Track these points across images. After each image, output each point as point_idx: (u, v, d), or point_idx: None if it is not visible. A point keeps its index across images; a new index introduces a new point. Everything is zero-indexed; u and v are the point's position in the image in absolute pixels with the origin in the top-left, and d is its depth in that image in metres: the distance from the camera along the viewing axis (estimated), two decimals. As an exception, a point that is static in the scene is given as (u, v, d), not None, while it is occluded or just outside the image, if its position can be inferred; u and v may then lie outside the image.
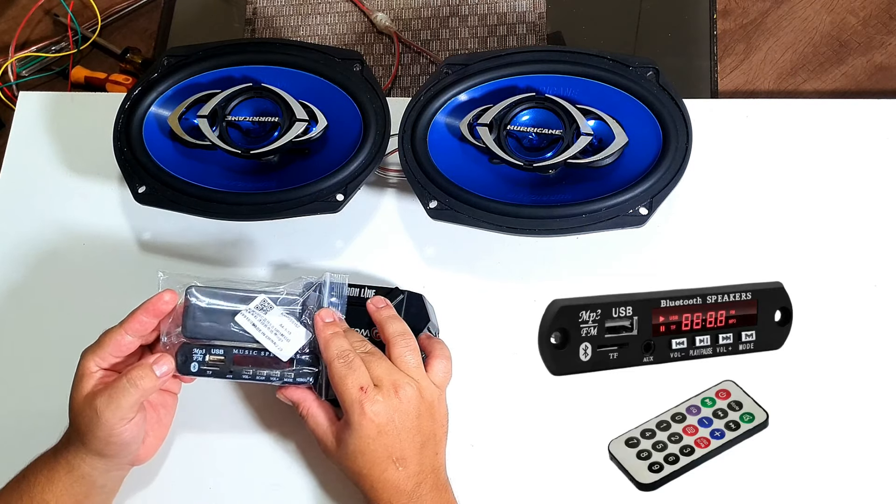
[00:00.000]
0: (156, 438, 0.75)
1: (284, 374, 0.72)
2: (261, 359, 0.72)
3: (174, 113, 0.85)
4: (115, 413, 0.68)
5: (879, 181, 0.84)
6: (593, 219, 0.77)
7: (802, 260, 0.81)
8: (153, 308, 0.70)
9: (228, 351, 0.72)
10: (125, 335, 0.70)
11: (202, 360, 0.71)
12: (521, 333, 0.80)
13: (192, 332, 0.71)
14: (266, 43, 0.92)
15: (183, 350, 0.71)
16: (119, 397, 0.68)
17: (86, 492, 0.71)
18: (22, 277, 0.90)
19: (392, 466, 0.68)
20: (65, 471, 0.70)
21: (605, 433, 0.77)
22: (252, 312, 0.71)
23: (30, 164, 0.94)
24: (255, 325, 0.71)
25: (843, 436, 0.75)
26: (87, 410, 0.68)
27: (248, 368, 0.71)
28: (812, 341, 0.78)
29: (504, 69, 0.83)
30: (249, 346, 0.72)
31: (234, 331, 0.71)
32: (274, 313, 0.71)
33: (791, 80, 0.94)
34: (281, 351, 0.71)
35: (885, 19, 0.95)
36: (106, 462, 0.71)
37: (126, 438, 0.69)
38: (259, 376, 0.72)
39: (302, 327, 0.71)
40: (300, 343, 0.71)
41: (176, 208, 0.82)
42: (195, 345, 0.72)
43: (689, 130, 0.79)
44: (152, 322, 0.71)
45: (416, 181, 0.80)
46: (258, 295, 0.72)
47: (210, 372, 0.71)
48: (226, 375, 0.71)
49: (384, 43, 1.03)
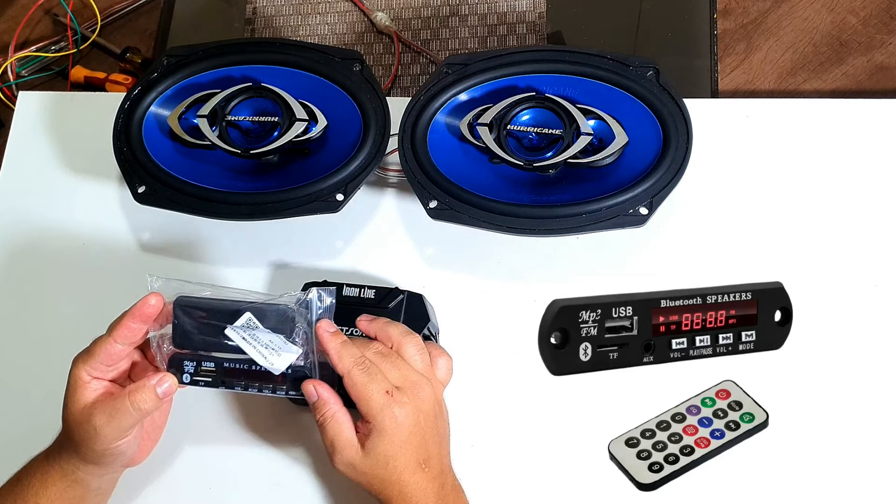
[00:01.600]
0: (150, 441, 0.75)
1: (277, 388, 0.71)
2: (252, 372, 0.70)
3: (174, 113, 0.85)
4: (114, 431, 0.67)
5: (879, 181, 0.83)
6: (593, 219, 0.77)
7: (802, 260, 0.81)
8: (139, 313, 0.68)
9: (220, 363, 0.71)
10: (115, 344, 0.68)
11: (193, 371, 0.70)
12: (521, 333, 0.80)
13: (182, 343, 0.70)
14: (266, 43, 0.92)
15: (174, 360, 0.70)
16: (121, 418, 0.67)
17: (80, 495, 0.71)
18: (22, 277, 0.90)
19: (420, 469, 0.67)
20: (59, 475, 0.70)
21: (605, 433, 0.77)
22: (241, 329, 0.70)
23: (29, 164, 0.94)
24: (245, 338, 0.69)
25: (843, 436, 0.75)
26: (85, 426, 0.68)
27: (241, 380, 0.70)
28: (812, 341, 0.78)
29: (504, 69, 0.83)
30: (241, 358, 0.70)
31: (224, 344, 0.70)
32: (262, 331, 0.70)
33: (791, 79, 0.94)
34: (272, 365, 0.69)
35: (885, 19, 0.95)
36: (101, 468, 0.71)
37: (122, 450, 0.69)
38: (252, 388, 0.71)
39: (292, 345, 0.70)
40: (291, 359, 0.69)
41: (176, 208, 0.82)
42: (186, 356, 0.71)
43: (689, 130, 0.79)
44: (141, 327, 0.69)
45: (416, 181, 0.80)
46: (244, 311, 0.70)
47: (203, 382, 0.70)
48: (218, 386, 0.71)
49: (384, 43, 1.02)
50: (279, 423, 0.80)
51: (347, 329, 0.76)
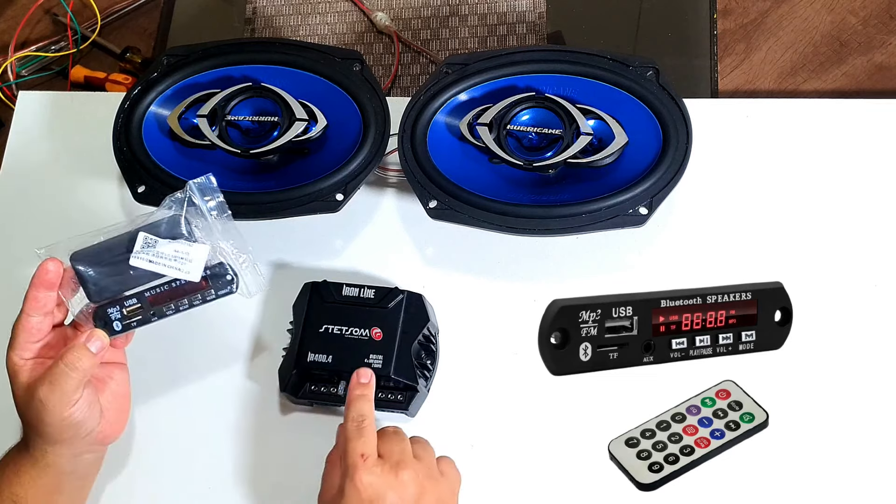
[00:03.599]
0: (119, 412, 0.74)
1: (206, 295, 0.70)
2: (175, 290, 0.70)
3: (174, 112, 0.85)
4: (60, 399, 0.67)
5: (879, 181, 0.83)
6: (593, 219, 0.77)
7: (802, 260, 0.81)
8: (41, 282, 0.69)
9: (141, 296, 0.70)
10: (29, 317, 0.69)
11: (120, 316, 0.70)
12: (521, 333, 0.80)
13: (97, 295, 0.70)
14: (265, 42, 0.92)
15: (98, 314, 0.70)
16: (61, 383, 0.67)
17: (55, 482, 0.70)
18: (21, 277, 0.89)
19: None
20: (29, 463, 0.70)
21: (605, 433, 0.77)
22: (143, 251, 0.69)
23: (29, 164, 0.94)
24: (152, 260, 0.69)
25: (843, 436, 0.75)
26: (32, 402, 0.67)
27: (169, 304, 0.70)
28: (812, 341, 0.78)
29: (504, 69, 0.83)
30: (158, 283, 0.70)
31: (135, 275, 0.69)
32: (163, 244, 0.69)
33: (791, 79, 0.94)
34: (188, 274, 0.68)
35: (885, 19, 0.95)
36: (67, 447, 0.70)
37: (78, 418, 0.68)
38: (182, 306, 0.70)
39: (199, 243, 0.69)
40: (203, 257, 0.69)
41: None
42: (106, 305, 0.70)
43: (689, 130, 0.79)
44: (48, 295, 0.69)
45: (416, 181, 0.80)
46: (137, 234, 0.69)
47: (135, 323, 0.70)
48: (151, 320, 0.70)
49: (384, 42, 1.02)
50: (279, 423, 0.80)
51: (348, 329, 0.76)
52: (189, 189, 0.70)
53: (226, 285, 0.71)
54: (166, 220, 0.70)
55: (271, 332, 0.82)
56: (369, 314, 0.76)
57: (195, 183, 0.71)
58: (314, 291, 0.78)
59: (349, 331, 0.76)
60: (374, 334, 0.75)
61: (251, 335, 0.83)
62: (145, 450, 0.80)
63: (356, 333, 0.76)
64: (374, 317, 0.76)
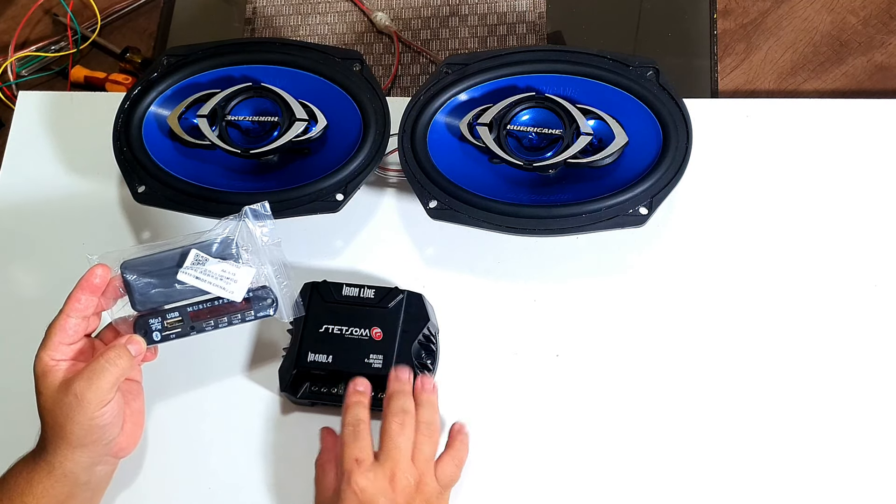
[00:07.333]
0: (135, 427, 0.74)
1: (245, 315, 0.72)
2: (216, 308, 0.72)
3: (174, 112, 0.85)
4: (96, 394, 0.67)
5: (879, 181, 0.83)
6: (593, 219, 0.77)
7: (802, 260, 0.81)
8: (87, 285, 0.70)
9: (183, 310, 0.72)
10: (67, 318, 0.69)
11: (161, 327, 0.71)
12: (521, 333, 0.80)
13: (142, 304, 0.71)
14: (266, 42, 0.92)
15: (139, 324, 0.71)
16: (99, 378, 0.67)
17: (68, 491, 0.70)
18: (21, 277, 0.90)
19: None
20: (45, 472, 0.70)
21: (605, 433, 0.77)
22: (192, 267, 0.71)
23: (29, 164, 0.94)
24: (199, 277, 0.70)
25: (843, 436, 0.75)
26: (66, 398, 0.68)
27: (209, 320, 0.72)
28: (812, 341, 0.78)
29: (504, 69, 0.83)
30: (201, 299, 0.72)
31: (180, 290, 0.71)
32: (212, 263, 0.71)
33: (791, 79, 0.94)
34: (232, 294, 0.70)
35: (885, 19, 0.95)
36: (87, 453, 0.70)
37: (106, 420, 0.69)
38: (221, 324, 0.72)
39: (245, 265, 0.71)
40: (248, 279, 0.71)
41: (175, 208, 0.82)
42: (149, 315, 0.71)
43: (689, 130, 0.79)
44: (91, 299, 0.70)
45: (416, 181, 0.80)
46: (189, 250, 0.71)
47: (173, 335, 0.72)
48: (189, 333, 0.72)
49: (384, 42, 1.02)
50: (279, 423, 0.80)
51: (348, 329, 0.76)
52: (244, 213, 0.73)
53: (266, 308, 0.72)
54: (219, 241, 0.72)
55: (271, 332, 0.82)
56: (369, 314, 0.76)
57: (251, 208, 0.73)
58: (314, 291, 0.78)
59: (349, 331, 0.76)
60: (375, 334, 0.75)
61: (251, 335, 0.83)
62: (145, 449, 0.80)
63: (356, 333, 0.76)
64: (374, 317, 0.76)
